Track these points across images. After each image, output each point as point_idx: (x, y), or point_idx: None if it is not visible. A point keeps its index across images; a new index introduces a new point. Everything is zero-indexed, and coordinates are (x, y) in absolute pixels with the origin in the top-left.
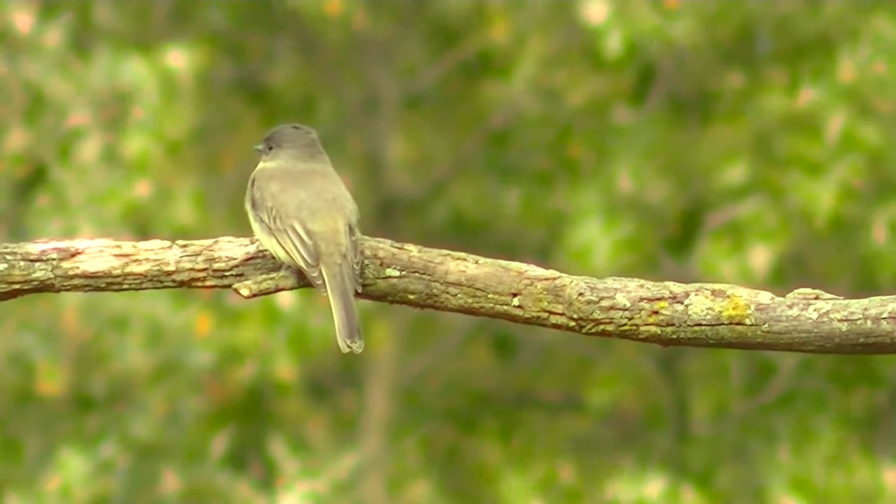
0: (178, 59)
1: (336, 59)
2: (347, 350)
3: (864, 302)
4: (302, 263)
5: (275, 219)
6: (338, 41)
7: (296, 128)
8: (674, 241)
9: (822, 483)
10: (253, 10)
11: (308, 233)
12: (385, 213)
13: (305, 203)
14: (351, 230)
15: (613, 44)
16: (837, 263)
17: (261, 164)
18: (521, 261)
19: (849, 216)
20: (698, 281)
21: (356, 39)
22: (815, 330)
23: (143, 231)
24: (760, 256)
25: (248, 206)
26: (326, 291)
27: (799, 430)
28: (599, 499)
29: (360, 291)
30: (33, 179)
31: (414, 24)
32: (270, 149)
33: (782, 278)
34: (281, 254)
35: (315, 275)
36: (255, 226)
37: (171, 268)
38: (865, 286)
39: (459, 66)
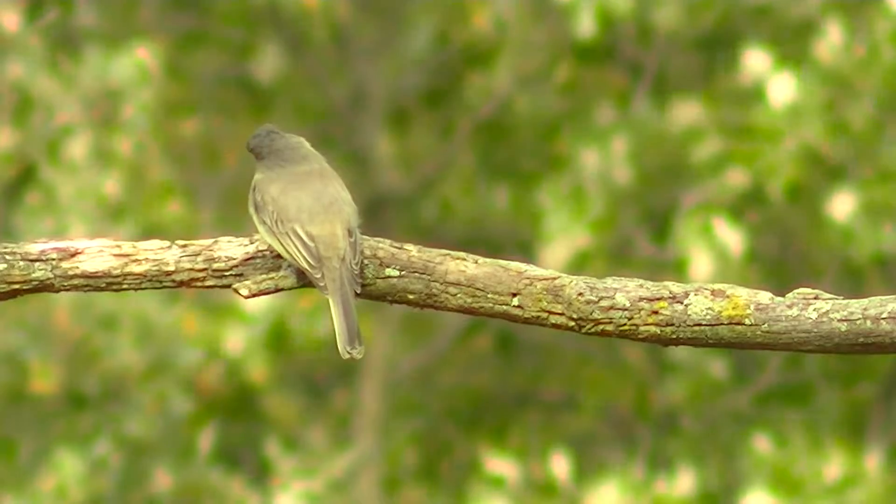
0: (145, 53)
1: (323, 56)
2: (347, 356)
3: (864, 302)
4: (305, 265)
5: (276, 222)
6: (323, 38)
7: (256, 136)
8: (651, 223)
9: (805, 473)
10: (237, 5)
11: (308, 235)
12: (374, 211)
13: (304, 207)
14: (350, 233)
15: (586, 23)
16: (813, 246)
17: (257, 174)
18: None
19: (816, 190)
20: (675, 264)
21: (342, 36)
22: (815, 330)
23: (144, 231)
24: (732, 234)
25: (251, 211)
26: (328, 294)
27: (784, 423)
28: (587, 494)
29: (358, 292)
30: (23, 179)
31: (399, 21)
32: (259, 158)
33: (764, 264)
34: (286, 255)
35: (318, 276)
36: (261, 228)
37: (171, 268)
38: (848, 273)
39: (446, 61)
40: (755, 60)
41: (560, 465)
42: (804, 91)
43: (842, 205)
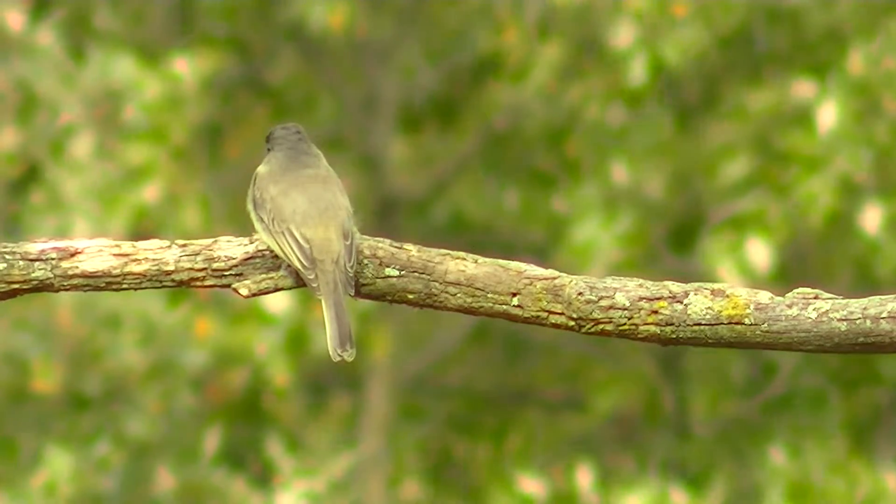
0: (184, 65)
1: (336, 59)
2: (338, 359)
3: (864, 301)
4: (298, 265)
5: (273, 221)
6: (338, 43)
7: (284, 128)
8: (676, 236)
9: (821, 485)
10: (255, 12)
11: (303, 237)
12: (385, 214)
13: (299, 210)
14: (346, 236)
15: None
16: (836, 257)
17: (261, 166)
18: (521, 261)
19: (846, 210)
20: (700, 278)
21: (357, 41)
22: (815, 329)
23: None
24: (761, 252)
25: (249, 206)
26: (321, 295)
27: (798, 432)
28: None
29: (352, 294)
30: (27, 178)
31: (415, 27)
32: (270, 150)
33: (785, 275)
34: (281, 254)
35: (312, 277)
36: (258, 225)
37: (171, 267)
38: (865, 282)
39: (463, 68)
40: (802, 89)
41: (584, 477)
42: (844, 115)
43: (872, 220)
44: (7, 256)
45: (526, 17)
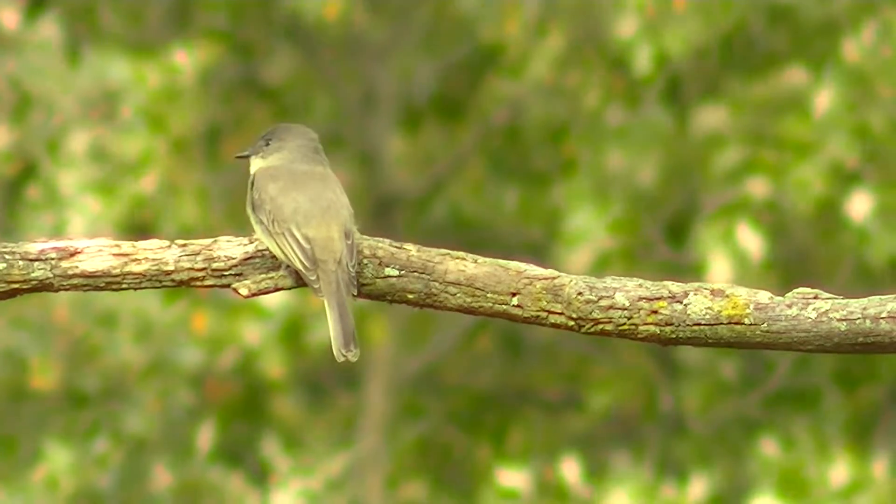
0: (183, 57)
1: (334, 56)
2: (343, 359)
3: (863, 301)
4: (300, 266)
5: (273, 222)
6: (336, 40)
7: (297, 126)
8: (670, 226)
9: (813, 477)
10: (252, 7)
11: (304, 237)
12: (383, 212)
13: (301, 209)
14: (347, 235)
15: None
16: (830, 249)
17: (260, 163)
18: (519, 259)
19: (837, 199)
20: (694, 267)
21: (354, 38)
22: (814, 329)
23: (146, 229)
24: (753, 240)
25: (248, 210)
26: (323, 296)
27: (792, 426)
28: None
29: (356, 294)
30: (23, 177)
31: (413, 21)
32: (268, 144)
33: (782, 270)
34: (281, 256)
35: (313, 278)
36: (257, 228)
37: (170, 267)
38: (861, 275)
39: (462, 63)
40: (797, 76)
41: (571, 469)
42: (838, 101)
43: (860, 207)
44: (7, 256)
45: (527, 8)
